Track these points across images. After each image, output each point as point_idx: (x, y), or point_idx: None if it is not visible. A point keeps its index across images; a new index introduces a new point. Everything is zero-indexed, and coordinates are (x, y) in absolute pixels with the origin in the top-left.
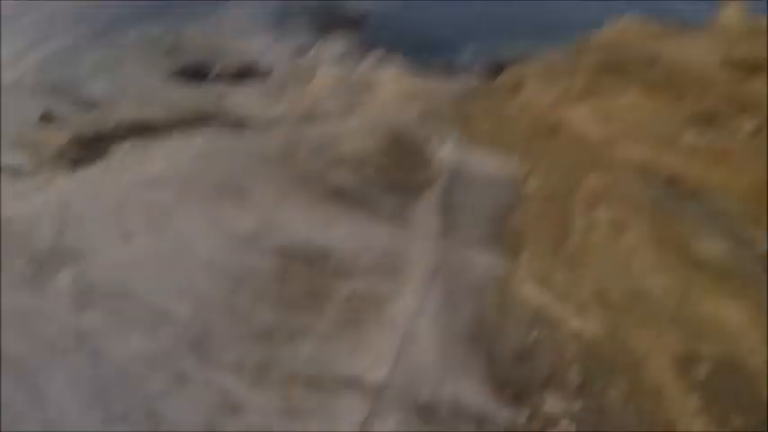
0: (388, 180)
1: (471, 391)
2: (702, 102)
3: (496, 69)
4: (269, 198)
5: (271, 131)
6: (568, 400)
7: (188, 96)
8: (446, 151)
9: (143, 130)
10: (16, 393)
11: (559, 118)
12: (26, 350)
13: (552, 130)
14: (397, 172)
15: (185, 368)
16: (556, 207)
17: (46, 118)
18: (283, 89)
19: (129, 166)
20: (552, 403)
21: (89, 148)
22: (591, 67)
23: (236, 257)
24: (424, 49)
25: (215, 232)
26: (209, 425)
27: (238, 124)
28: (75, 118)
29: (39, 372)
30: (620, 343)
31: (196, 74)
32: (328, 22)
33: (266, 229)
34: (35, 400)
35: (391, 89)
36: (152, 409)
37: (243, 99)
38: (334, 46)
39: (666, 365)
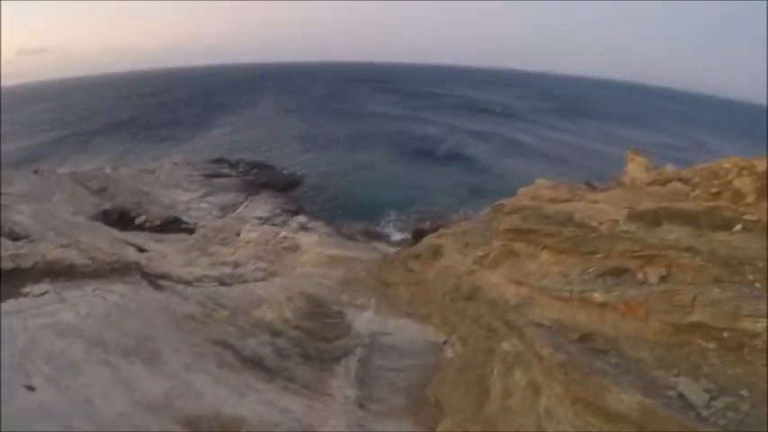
0: (305, 349)
1: None
2: (611, 258)
3: (416, 235)
4: (181, 363)
5: (189, 291)
6: None
7: (110, 241)
8: (364, 320)
9: (61, 273)
10: None
11: (477, 284)
12: None
13: (470, 295)
14: (314, 341)
15: None
16: (473, 373)
17: None
18: (206, 246)
19: (40, 310)
20: None
21: (2, 283)
22: (505, 232)
23: (140, 425)
24: (348, 214)
25: (121, 395)
26: None
27: (157, 279)
28: None
29: None
30: None
31: (122, 218)
32: (257, 183)
33: (175, 397)
34: None
35: (314, 254)
36: None
37: (165, 252)
38: (260, 206)
39: None
